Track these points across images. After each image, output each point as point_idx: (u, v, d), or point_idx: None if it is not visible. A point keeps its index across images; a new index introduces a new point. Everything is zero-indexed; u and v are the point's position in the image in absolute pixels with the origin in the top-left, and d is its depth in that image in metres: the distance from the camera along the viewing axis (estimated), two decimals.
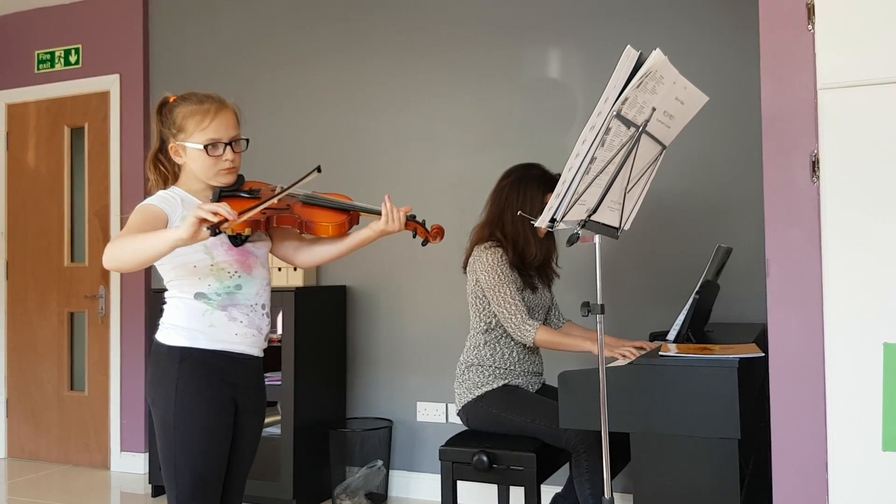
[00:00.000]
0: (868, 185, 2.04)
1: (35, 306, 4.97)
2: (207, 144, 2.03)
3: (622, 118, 1.93)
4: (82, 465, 4.79)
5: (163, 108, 2.11)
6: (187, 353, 2.03)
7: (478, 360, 2.92)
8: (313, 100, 4.28)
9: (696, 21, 3.50)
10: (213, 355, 2.04)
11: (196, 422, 2.01)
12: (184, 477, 2.00)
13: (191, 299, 2.05)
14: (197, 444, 2.01)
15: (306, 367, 3.81)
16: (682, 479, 2.17)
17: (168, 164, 2.13)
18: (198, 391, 2.02)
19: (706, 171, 3.47)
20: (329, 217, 2.12)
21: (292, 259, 2.28)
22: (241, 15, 4.47)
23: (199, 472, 2.01)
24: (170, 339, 2.05)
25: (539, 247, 2.90)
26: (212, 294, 2.04)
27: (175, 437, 2.01)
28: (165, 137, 2.11)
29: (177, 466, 2.01)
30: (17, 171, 5.07)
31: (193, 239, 1.75)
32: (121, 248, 1.86)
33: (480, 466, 2.69)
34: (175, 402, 2.01)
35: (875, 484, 2.02)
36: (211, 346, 2.04)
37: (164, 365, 2.04)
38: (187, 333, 2.04)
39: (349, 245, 2.20)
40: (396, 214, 2.13)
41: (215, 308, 2.05)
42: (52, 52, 4.93)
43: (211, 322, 2.05)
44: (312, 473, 3.84)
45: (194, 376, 2.02)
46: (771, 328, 2.17)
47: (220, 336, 2.05)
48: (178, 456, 2.01)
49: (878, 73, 2.04)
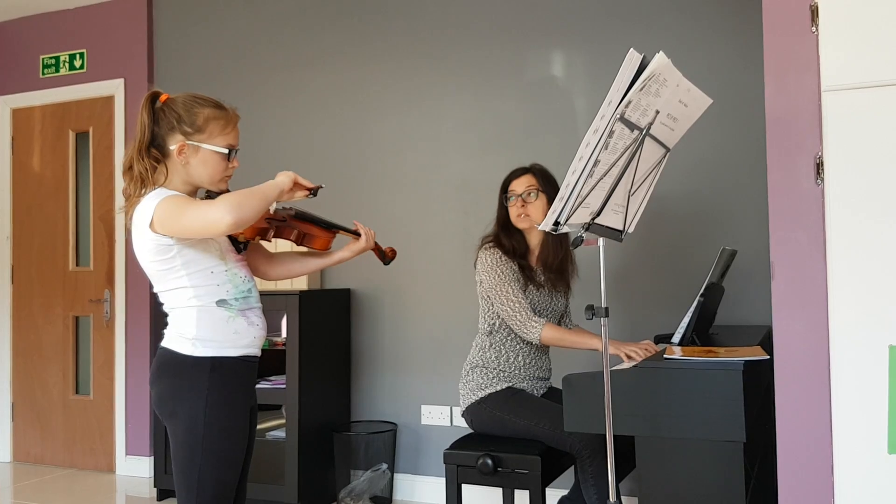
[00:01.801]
0: (873, 187, 2.04)
1: (40, 310, 4.99)
2: (230, 150, 2.06)
3: (626, 121, 1.93)
4: (88, 469, 4.79)
5: (156, 102, 2.05)
6: (218, 363, 2.02)
7: (482, 361, 2.92)
8: (317, 103, 4.29)
9: (699, 23, 3.50)
10: (239, 362, 2.06)
11: (227, 431, 2.02)
12: (207, 485, 1.99)
13: (213, 307, 2.03)
14: (226, 453, 2.02)
15: (311, 370, 3.82)
16: (688, 482, 2.16)
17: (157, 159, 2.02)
18: (227, 400, 2.03)
19: (710, 173, 3.46)
20: (320, 231, 2.25)
21: (263, 271, 2.33)
22: (245, 19, 4.48)
23: (224, 478, 2.01)
24: (194, 350, 2.02)
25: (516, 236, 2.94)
26: (231, 300, 2.05)
27: (204, 447, 1.98)
28: (165, 134, 2.02)
29: (201, 475, 1.99)
30: (22, 175, 5.09)
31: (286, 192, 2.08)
32: (240, 200, 1.91)
33: (485, 470, 2.68)
34: (206, 414, 1.98)
35: (881, 487, 2.01)
36: (237, 353, 2.06)
37: (191, 376, 2.01)
38: (216, 343, 2.03)
39: (327, 262, 2.33)
40: (370, 233, 2.32)
41: (236, 314, 2.06)
42: (57, 57, 4.94)
43: (235, 329, 2.05)
44: (317, 477, 3.84)
45: (226, 385, 2.03)
46: (776, 331, 2.17)
47: (244, 342, 2.07)
48: (205, 466, 1.99)
49: (883, 75, 2.03)
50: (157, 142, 2.04)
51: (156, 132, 2.04)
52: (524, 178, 2.93)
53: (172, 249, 1.98)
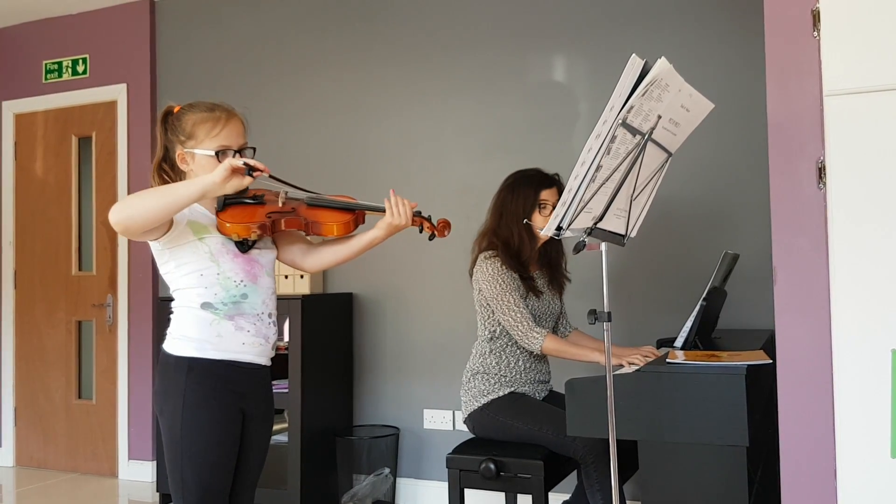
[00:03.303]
0: (875, 191, 2.04)
1: (43, 315, 4.99)
2: (218, 151, 2.04)
3: (628, 126, 1.94)
4: (90, 474, 4.80)
5: (168, 117, 2.11)
6: (195, 364, 2.02)
7: (483, 368, 2.92)
8: (319, 107, 4.30)
9: (701, 28, 3.51)
10: (221, 365, 2.04)
11: (204, 433, 2.01)
12: (191, 488, 2.00)
13: (198, 309, 2.04)
14: (204, 456, 2.01)
15: (313, 374, 3.82)
16: (691, 486, 2.16)
17: (172, 173, 2.12)
18: (206, 402, 2.02)
19: (712, 177, 3.47)
20: (334, 217, 2.12)
21: (300, 264, 2.26)
22: (248, 24, 4.49)
23: (206, 483, 2.01)
24: (177, 350, 2.05)
25: (532, 244, 2.91)
26: (218, 304, 2.04)
27: (182, 448, 2.00)
28: (171, 145, 2.10)
29: (184, 478, 2.00)
30: (25, 180, 5.10)
31: (224, 183, 1.86)
32: (139, 197, 1.86)
33: (488, 474, 2.68)
34: (182, 413, 2.00)
35: (884, 491, 2.01)
36: (219, 356, 2.04)
37: (172, 375, 2.04)
38: (195, 344, 2.03)
39: (358, 246, 2.21)
40: (402, 208, 2.13)
41: (222, 318, 2.04)
42: (60, 62, 4.96)
43: (218, 332, 2.04)
44: (319, 481, 3.84)
45: (202, 386, 2.02)
46: (778, 335, 2.17)
47: (227, 346, 2.05)
48: (186, 467, 2.00)
49: (885, 80, 2.03)
50: (170, 154, 2.12)
51: (167, 146, 2.11)
52: (556, 189, 2.92)
53: (165, 254, 2.04)
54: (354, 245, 2.21)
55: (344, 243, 2.22)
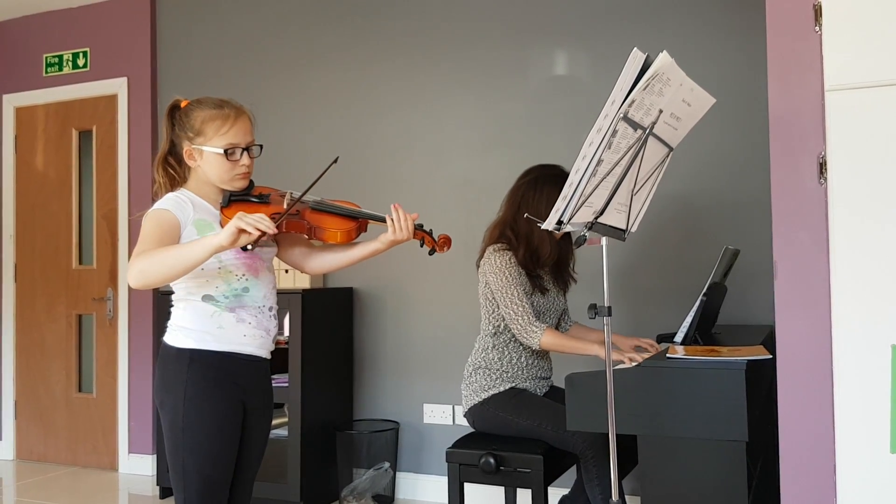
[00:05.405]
0: (876, 186, 2.04)
1: (43, 309, 5.00)
2: (227, 149, 2.05)
3: (629, 120, 1.93)
4: (90, 467, 4.80)
5: (174, 111, 2.12)
6: (196, 355, 2.03)
7: (485, 362, 2.92)
8: (320, 102, 4.29)
9: (702, 23, 3.50)
10: (221, 357, 2.05)
11: (205, 424, 2.02)
12: (192, 479, 2.01)
13: (199, 301, 2.05)
14: (206, 447, 2.01)
15: (313, 368, 3.82)
16: (690, 481, 2.16)
17: (178, 166, 2.14)
18: (207, 393, 2.02)
19: (713, 172, 3.46)
20: (338, 223, 2.14)
21: (301, 265, 2.29)
22: (248, 18, 4.48)
23: (207, 474, 2.02)
24: (178, 342, 2.06)
25: (553, 246, 2.88)
26: (219, 296, 2.05)
27: (183, 440, 2.01)
28: (178, 140, 2.11)
29: (185, 469, 2.01)
30: (25, 173, 5.10)
31: (232, 245, 1.85)
32: (153, 262, 1.87)
33: (487, 468, 2.69)
34: (184, 405, 2.01)
35: (883, 486, 2.01)
36: (219, 348, 2.05)
37: (173, 367, 2.04)
38: (196, 335, 2.04)
39: (358, 255, 2.23)
40: (405, 223, 2.13)
41: (223, 310, 2.05)
42: (61, 56, 4.95)
43: (219, 324, 2.05)
44: (319, 475, 3.85)
45: (203, 378, 2.03)
46: (779, 330, 2.17)
47: (228, 338, 2.06)
48: (187, 458, 2.01)
49: (886, 75, 2.03)
50: (176, 149, 2.13)
51: (174, 140, 2.13)
52: None
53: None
54: (356, 253, 2.24)
55: (345, 250, 2.25)
